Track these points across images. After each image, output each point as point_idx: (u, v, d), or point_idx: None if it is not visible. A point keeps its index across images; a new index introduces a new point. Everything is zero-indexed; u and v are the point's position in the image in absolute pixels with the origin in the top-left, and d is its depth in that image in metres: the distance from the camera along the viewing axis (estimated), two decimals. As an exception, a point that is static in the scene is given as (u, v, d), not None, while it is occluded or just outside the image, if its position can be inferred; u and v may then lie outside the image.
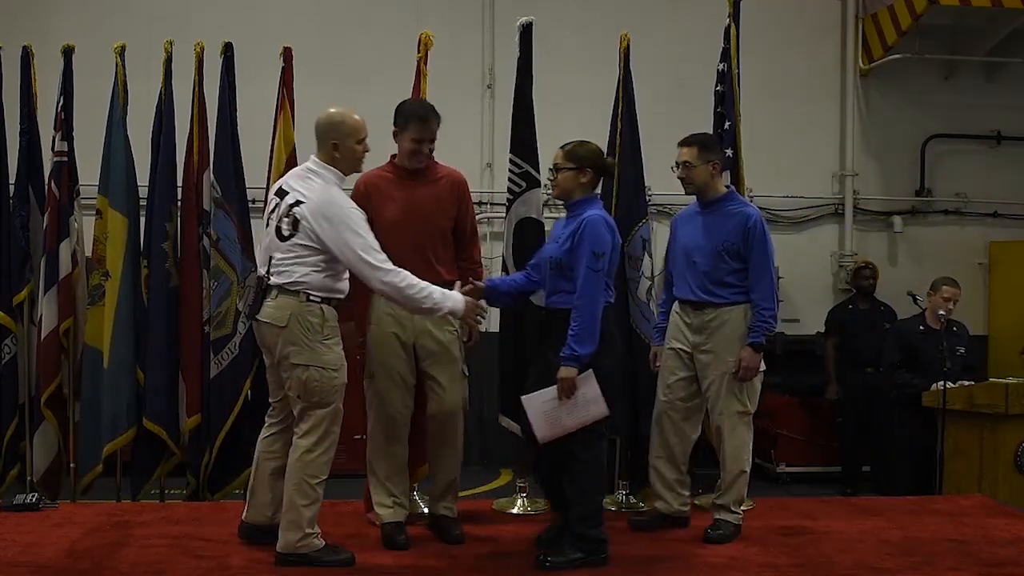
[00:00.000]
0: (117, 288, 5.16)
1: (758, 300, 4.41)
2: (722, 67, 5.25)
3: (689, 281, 4.50)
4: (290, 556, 3.94)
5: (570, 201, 4.18)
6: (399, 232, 4.24)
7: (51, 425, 5.24)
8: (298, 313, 3.88)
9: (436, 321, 4.28)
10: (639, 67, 5.24)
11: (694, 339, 4.50)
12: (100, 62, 5.50)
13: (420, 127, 4.28)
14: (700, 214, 4.57)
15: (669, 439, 4.58)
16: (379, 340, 4.32)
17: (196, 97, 5.25)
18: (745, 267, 4.42)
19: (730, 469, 4.47)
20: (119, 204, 5.23)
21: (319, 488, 3.97)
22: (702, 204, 4.57)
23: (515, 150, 5.01)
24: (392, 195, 4.32)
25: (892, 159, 8.93)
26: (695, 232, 4.53)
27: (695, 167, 4.48)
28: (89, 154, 5.42)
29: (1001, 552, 4.30)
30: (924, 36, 8.50)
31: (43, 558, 4.03)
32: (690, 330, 4.51)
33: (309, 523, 3.95)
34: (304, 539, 3.94)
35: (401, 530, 4.31)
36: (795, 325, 8.60)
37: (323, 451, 3.99)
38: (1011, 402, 5.70)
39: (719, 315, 4.44)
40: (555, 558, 3.97)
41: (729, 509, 4.48)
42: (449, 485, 4.49)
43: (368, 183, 4.36)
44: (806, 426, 7.80)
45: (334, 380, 3.97)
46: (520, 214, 4.95)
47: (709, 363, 4.46)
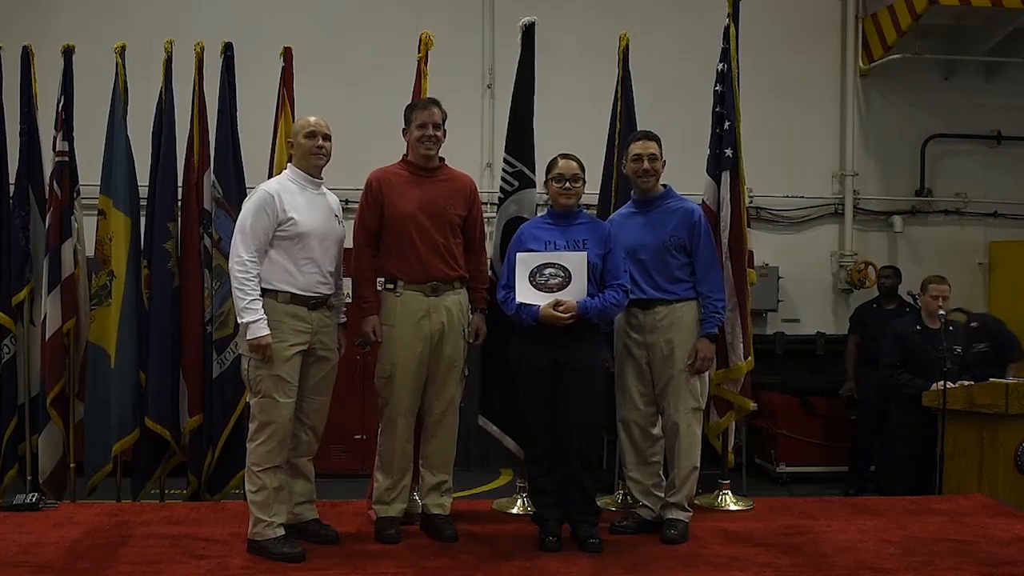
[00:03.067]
0: (122, 288, 5.18)
1: (708, 292, 4.48)
2: (722, 67, 5.24)
3: (637, 280, 4.47)
4: (250, 542, 4.13)
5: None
6: (413, 224, 4.29)
7: (57, 426, 5.24)
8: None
9: (451, 321, 4.35)
10: (639, 67, 5.24)
11: (643, 338, 4.49)
12: (100, 62, 5.50)
13: (422, 112, 4.35)
14: (638, 213, 4.58)
15: (639, 445, 4.58)
16: (399, 340, 4.32)
17: (196, 97, 5.26)
18: (691, 262, 4.47)
19: (684, 466, 4.47)
20: (122, 204, 5.24)
21: (263, 476, 4.09)
22: (641, 203, 4.58)
23: (510, 149, 5.01)
24: (404, 190, 4.34)
25: (892, 159, 8.93)
26: (637, 231, 4.52)
27: (660, 161, 4.53)
28: (90, 154, 5.43)
29: (1001, 552, 4.29)
30: (924, 36, 8.51)
31: (43, 558, 4.04)
32: (636, 330, 4.50)
33: (260, 510, 4.09)
34: (256, 526, 4.10)
35: (394, 524, 4.35)
36: (795, 325, 8.61)
37: (261, 440, 4.11)
38: (1011, 402, 5.69)
39: (671, 312, 4.45)
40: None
41: (683, 507, 4.49)
42: (443, 483, 4.50)
43: (380, 178, 4.39)
44: (806, 426, 7.79)
45: (259, 369, 4.08)
46: (510, 213, 4.94)
47: (663, 361, 4.46)
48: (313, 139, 4.23)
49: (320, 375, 4.29)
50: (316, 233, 4.18)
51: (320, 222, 4.22)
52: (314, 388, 4.28)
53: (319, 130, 4.25)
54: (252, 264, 4.07)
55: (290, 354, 4.12)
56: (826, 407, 7.83)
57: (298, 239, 4.14)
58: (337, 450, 7.20)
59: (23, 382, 5.31)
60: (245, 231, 4.09)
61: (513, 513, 4.95)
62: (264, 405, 4.12)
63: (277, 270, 4.12)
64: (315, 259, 4.18)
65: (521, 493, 5.05)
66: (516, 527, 4.63)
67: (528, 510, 4.96)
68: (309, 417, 4.30)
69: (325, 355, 4.28)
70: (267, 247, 4.11)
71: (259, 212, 4.10)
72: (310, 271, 4.17)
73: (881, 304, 7.65)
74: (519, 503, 5.01)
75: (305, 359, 4.20)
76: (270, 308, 4.09)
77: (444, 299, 4.36)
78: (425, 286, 4.32)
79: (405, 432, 4.38)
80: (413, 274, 4.31)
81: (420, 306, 4.31)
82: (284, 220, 4.11)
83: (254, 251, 4.08)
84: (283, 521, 4.16)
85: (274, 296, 4.12)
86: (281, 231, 4.12)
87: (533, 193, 4.99)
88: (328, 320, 4.30)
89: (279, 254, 4.13)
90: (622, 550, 4.24)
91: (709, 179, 5.23)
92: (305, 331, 4.16)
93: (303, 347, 4.16)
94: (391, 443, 4.38)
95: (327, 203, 4.33)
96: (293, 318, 4.13)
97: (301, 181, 4.26)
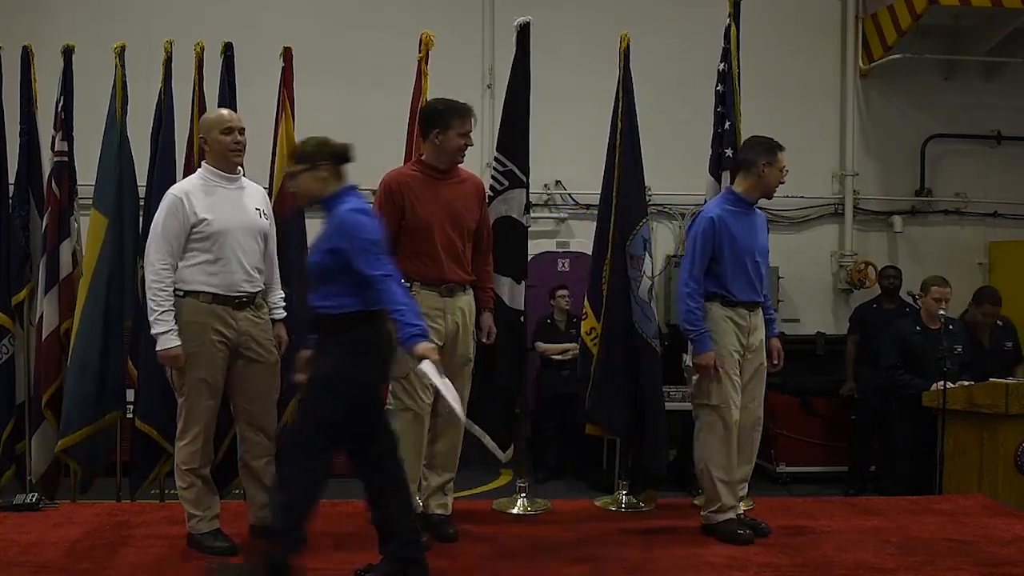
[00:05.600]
0: (87, 287, 5.05)
1: (767, 295, 4.68)
2: (722, 67, 5.24)
3: (753, 282, 4.52)
4: (188, 536, 4.21)
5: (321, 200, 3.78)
6: (435, 230, 4.26)
7: (51, 426, 5.22)
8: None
9: (464, 322, 4.35)
10: (639, 67, 5.24)
11: (745, 340, 4.53)
12: (100, 62, 5.49)
13: (466, 121, 4.30)
14: (744, 215, 4.55)
15: (744, 444, 4.57)
16: None
17: (196, 97, 5.24)
18: None
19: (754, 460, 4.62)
20: (102, 204, 5.15)
21: (190, 475, 4.13)
22: (748, 204, 4.56)
23: (501, 148, 5.01)
24: (424, 195, 4.30)
25: (892, 159, 8.94)
26: (749, 232, 4.53)
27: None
28: (89, 154, 5.41)
29: (1001, 552, 4.30)
30: (924, 36, 8.51)
31: (43, 558, 4.04)
32: (743, 332, 4.53)
33: (192, 505, 4.15)
34: (190, 520, 4.16)
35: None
36: (795, 325, 8.61)
37: (187, 441, 4.12)
38: (1011, 402, 5.70)
39: (761, 313, 4.61)
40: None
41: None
42: (447, 483, 4.49)
43: (400, 182, 4.31)
44: (806, 426, 7.79)
45: (182, 374, 4.06)
46: (499, 212, 4.93)
47: (751, 360, 4.56)
48: (230, 135, 4.13)
49: (258, 376, 4.19)
50: (233, 231, 4.08)
51: (237, 219, 4.11)
52: (254, 390, 4.19)
53: (235, 124, 4.15)
54: (165, 271, 3.99)
55: (213, 355, 4.05)
56: (826, 407, 7.83)
57: (214, 238, 4.04)
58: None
59: (22, 382, 5.30)
60: (158, 236, 4.01)
61: (513, 513, 4.95)
62: (188, 407, 4.09)
63: (197, 271, 4.04)
64: (236, 257, 4.08)
65: (521, 493, 5.05)
66: (516, 527, 4.64)
67: (528, 510, 4.96)
68: (255, 418, 4.22)
69: (259, 356, 4.18)
70: (182, 251, 4.03)
71: (168, 217, 4.02)
72: (231, 270, 4.07)
73: (881, 304, 7.65)
74: (519, 503, 5.01)
75: (235, 360, 4.12)
76: (192, 309, 4.02)
77: (457, 300, 4.36)
78: (441, 287, 4.31)
79: (420, 435, 4.32)
80: (430, 276, 4.29)
81: (437, 306, 4.28)
82: (197, 222, 4.02)
83: (167, 257, 4.00)
84: (216, 514, 4.20)
85: (196, 297, 4.04)
86: (196, 233, 4.02)
87: (523, 193, 4.97)
88: (257, 319, 4.19)
89: (197, 255, 4.03)
90: (622, 550, 4.24)
91: (711, 178, 5.25)
92: (229, 332, 4.08)
93: (228, 348, 4.09)
94: (411, 447, 4.22)
95: (246, 197, 4.21)
96: (216, 319, 4.05)
97: (215, 179, 4.14)
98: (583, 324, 5.23)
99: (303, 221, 5.13)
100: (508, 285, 4.91)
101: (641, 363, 5.02)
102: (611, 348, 5.06)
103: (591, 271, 5.25)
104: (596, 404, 5.10)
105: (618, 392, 5.04)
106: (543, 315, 7.71)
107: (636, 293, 5.07)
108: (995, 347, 6.79)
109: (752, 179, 4.52)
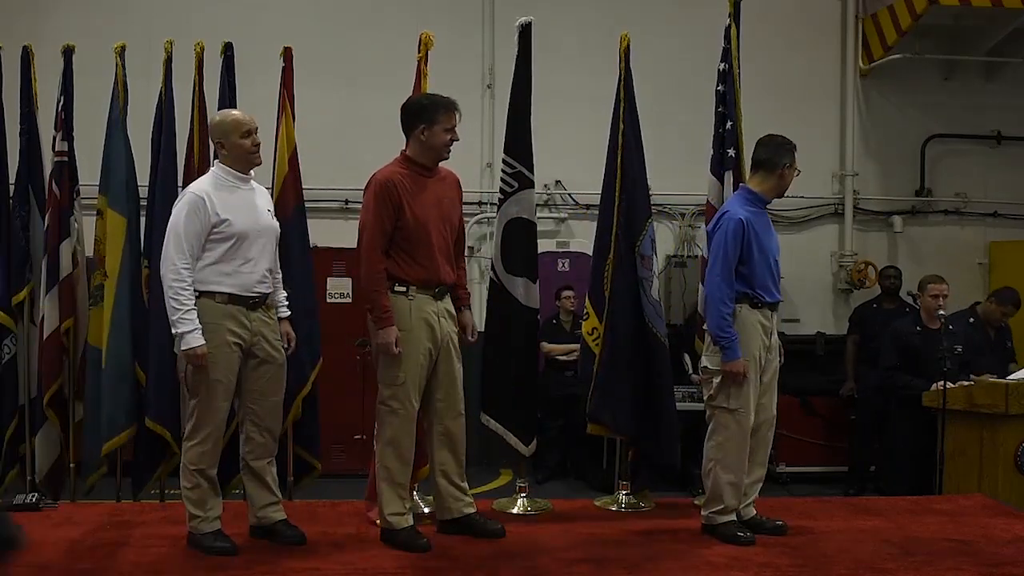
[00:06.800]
0: (114, 289, 5.11)
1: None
2: (723, 67, 5.24)
3: (776, 284, 4.57)
4: (188, 536, 4.18)
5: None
6: (431, 231, 4.21)
7: (54, 425, 5.23)
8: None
9: (452, 326, 4.32)
10: (639, 67, 5.24)
11: (768, 341, 4.55)
12: (100, 62, 5.50)
13: (452, 115, 4.23)
14: (762, 214, 4.56)
15: (759, 446, 4.58)
16: (415, 345, 4.20)
17: (196, 97, 5.25)
18: None
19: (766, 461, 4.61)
20: (118, 204, 5.21)
21: (197, 475, 4.10)
22: (763, 203, 4.58)
23: (509, 150, 5.00)
24: (417, 192, 4.22)
25: (892, 159, 8.94)
26: (767, 232, 4.55)
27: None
28: (89, 154, 5.42)
29: (1001, 552, 4.29)
30: (924, 36, 8.51)
31: (43, 558, 4.03)
32: (767, 333, 4.55)
33: (194, 505, 4.12)
34: (191, 520, 4.13)
35: (419, 533, 4.26)
36: (795, 325, 8.61)
37: (196, 442, 4.10)
38: (1011, 402, 5.70)
39: (779, 313, 4.64)
40: None
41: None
42: (461, 485, 4.46)
43: (396, 182, 4.20)
44: (806, 426, 7.79)
45: (196, 373, 4.03)
46: (511, 214, 4.93)
47: (771, 360, 4.59)
48: (249, 138, 4.13)
49: (267, 377, 4.20)
50: (252, 232, 4.10)
51: (255, 221, 4.14)
52: (263, 390, 4.20)
53: (253, 126, 4.15)
54: (187, 271, 3.99)
55: (228, 356, 4.06)
56: (826, 407, 7.83)
57: (234, 240, 4.05)
58: (337, 450, 7.18)
59: (23, 382, 5.30)
60: (178, 236, 4.00)
61: (513, 513, 4.94)
62: (201, 408, 4.07)
63: (214, 272, 4.04)
64: (253, 258, 4.10)
65: (521, 493, 5.05)
66: (516, 527, 4.63)
67: (528, 510, 4.96)
68: (262, 419, 4.22)
69: (269, 357, 4.19)
70: (201, 250, 4.03)
71: (190, 216, 4.02)
72: (248, 271, 4.09)
73: (881, 304, 7.65)
74: (519, 503, 5.01)
75: (247, 361, 4.14)
76: (208, 309, 4.02)
77: (445, 302, 4.33)
78: (435, 290, 4.27)
79: (413, 441, 4.29)
80: (424, 278, 4.22)
81: (432, 309, 4.24)
82: (218, 222, 4.02)
83: (188, 257, 3.99)
84: (218, 515, 4.17)
85: (211, 297, 4.04)
86: (215, 233, 4.03)
87: (532, 194, 4.99)
88: (268, 319, 4.22)
89: (215, 256, 4.04)
90: (622, 549, 4.24)
91: (713, 178, 5.25)
92: (244, 332, 4.09)
93: (242, 348, 4.10)
94: (405, 453, 4.24)
95: (259, 199, 4.24)
96: (231, 319, 4.06)
97: (232, 180, 4.15)
98: (584, 324, 5.23)
99: (303, 221, 5.15)
100: (523, 285, 4.91)
101: (655, 362, 5.04)
102: (615, 348, 5.05)
103: (592, 271, 5.25)
104: (599, 404, 5.09)
105: (622, 392, 5.04)
106: (548, 315, 7.71)
107: (649, 293, 5.06)
108: (999, 343, 6.81)
109: (773, 179, 4.52)
